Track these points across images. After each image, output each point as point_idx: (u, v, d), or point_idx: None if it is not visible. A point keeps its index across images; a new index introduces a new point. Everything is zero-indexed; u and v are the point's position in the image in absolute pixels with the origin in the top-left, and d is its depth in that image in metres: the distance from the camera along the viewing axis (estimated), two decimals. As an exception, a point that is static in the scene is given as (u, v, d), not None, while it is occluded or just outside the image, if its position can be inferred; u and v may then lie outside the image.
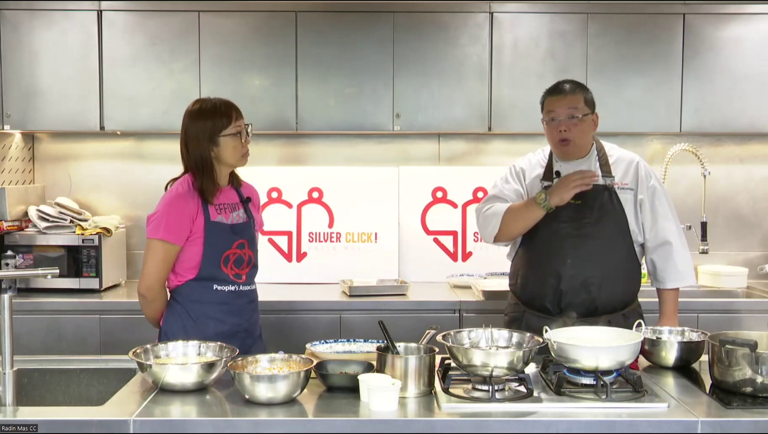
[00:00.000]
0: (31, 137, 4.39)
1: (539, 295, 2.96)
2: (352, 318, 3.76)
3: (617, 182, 2.97)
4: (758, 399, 2.23)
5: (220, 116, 2.77)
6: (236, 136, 2.78)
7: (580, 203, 2.90)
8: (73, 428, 2.07)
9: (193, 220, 2.73)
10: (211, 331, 2.73)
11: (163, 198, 2.78)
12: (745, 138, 4.39)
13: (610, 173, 2.97)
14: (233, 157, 2.80)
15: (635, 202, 2.97)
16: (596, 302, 2.90)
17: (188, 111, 2.82)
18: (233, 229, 2.81)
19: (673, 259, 2.99)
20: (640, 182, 2.99)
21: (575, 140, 2.92)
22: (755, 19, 4.06)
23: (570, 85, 2.97)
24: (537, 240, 2.97)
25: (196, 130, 2.77)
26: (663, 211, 3.00)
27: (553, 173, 2.98)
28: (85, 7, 3.99)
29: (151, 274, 2.75)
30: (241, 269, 2.84)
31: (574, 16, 4.03)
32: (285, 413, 2.13)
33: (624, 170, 3.00)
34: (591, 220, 2.92)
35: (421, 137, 4.40)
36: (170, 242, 2.72)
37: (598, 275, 2.90)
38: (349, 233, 4.34)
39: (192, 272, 2.77)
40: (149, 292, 2.77)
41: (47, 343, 3.68)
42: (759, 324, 3.67)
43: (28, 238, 3.95)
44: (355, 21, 4.03)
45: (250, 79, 4.03)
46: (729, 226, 4.44)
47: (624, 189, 2.97)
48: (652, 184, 3.00)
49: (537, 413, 2.15)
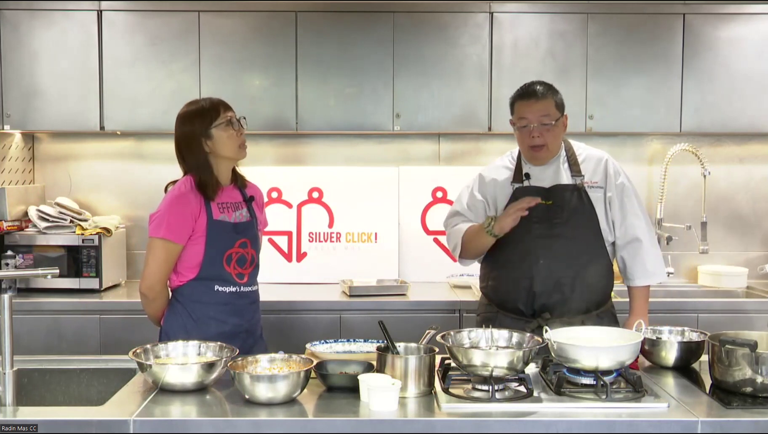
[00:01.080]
0: (31, 137, 4.39)
1: (512, 297, 2.94)
2: (352, 318, 3.76)
3: (587, 181, 2.96)
4: (758, 399, 2.23)
5: (207, 110, 2.78)
6: (228, 125, 2.77)
7: (551, 204, 2.91)
8: (73, 428, 2.07)
9: (196, 219, 2.73)
10: (213, 331, 2.73)
11: (165, 198, 2.78)
12: (745, 138, 4.40)
13: (579, 172, 2.96)
14: (230, 147, 2.78)
15: (605, 200, 2.97)
16: (569, 303, 2.88)
17: (177, 116, 2.83)
18: (236, 228, 2.81)
19: (641, 256, 2.97)
20: (609, 179, 2.98)
21: (548, 145, 2.92)
22: (755, 19, 4.06)
23: (541, 88, 2.93)
24: (508, 242, 2.92)
25: (185, 131, 2.78)
26: (632, 208, 2.98)
27: (523, 175, 2.98)
28: (85, 7, 3.99)
29: (152, 273, 2.75)
30: (244, 269, 2.83)
31: (574, 16, 4.03)
32: (285, 413, 2.13)
33: (593, 168, 2.99)
34: (562, 220, 2.91)
35: (421, 137, 4.40)
36: (172, 241, 2.72)
37: (570, 275, 2.89)
38: (349, 233, 4.34)
39: (193, 271, 2.77)
40: (150, 291, 2.77)
41: (47, 343, 3.68)
42: (759, 324, 3.67)
43: (28, 238, 3.95)
44: (355, 21, 4.03)
45: (250, 79, 4.03)
46: (729, 226, 4.44)
47: (593, 188, 2.96)
48: (620, 181, 2.99)
49: (537, 413, 2.15)
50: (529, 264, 2.90)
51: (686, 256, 4.38)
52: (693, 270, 4.40)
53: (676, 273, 4.35)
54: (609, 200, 2.96)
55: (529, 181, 2.96)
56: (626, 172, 3.03)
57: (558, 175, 2.97)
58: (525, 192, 2.93)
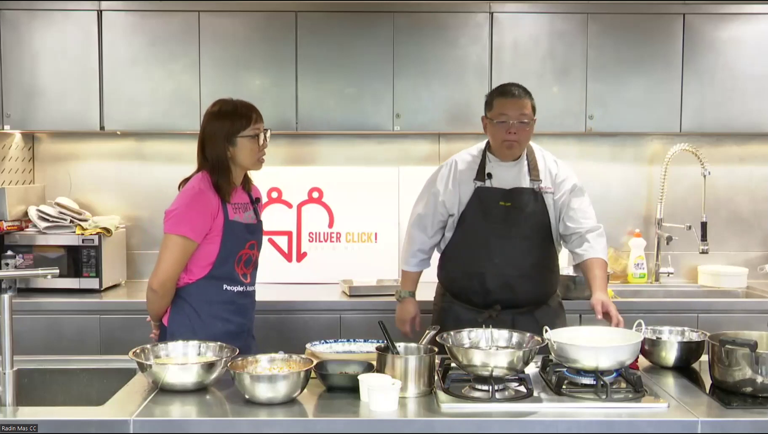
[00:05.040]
0: (31, 137, 4.39)
1: (466, 290, 3.16)
2: (352, 318, 3.76)
3: (543, 186, 3.12)
4: (758, 399, 2.23)
5: (239, 116, 2.78)
6: (254, 138, 2.79)
7: (509, 205, 3.09)
8: (73, 428, 2.07)
9: (214, 217, 2.73)
10: (219, 330, 2.73)
11: (184, 194, 2.76)
12: (745, 138, 4.39)
13: (538, 177, 3.13)
14: (249, 159, 2.81)
15: (554, 204, 3.13)
16: (519, 298, 3.10)
17: (208, 111, 2.83)
18: (248, 229, 2.83)
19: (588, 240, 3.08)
20: (559, 183, 3.14)
21: (522, 143, 3.08)
22: (755, 19, 4.06)
23: (519, 89, 3.09)
24: (467, 238, 3.15)
25: (214, 129, 2.78)
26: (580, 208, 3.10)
27: (485, 175, 3.13)
28: (85, 7, 3.98)
29: (166, 270, 2.72)
30: (248, 269, 2.85)
31: (574, 16, 4.03)
32: (285, 413, 2.13)
33: (547, 173, 3.15)
34: (518, 221, 3.09)
35: (421, 137, 4.39)
36: (191, 239, 2.71)
37: (521, 274, 3.09)
38: (349, 233, 4.34)
39: (204, 270, 2.76)
40: (162, 288, 2.74)
41: (47, 343, 3.68)
42: (759, 324, 3.66)
43: (28, 238, 3.95)
44: (355, 21, 4.03)
45: (250, 79, 4.03)
46: (729, 226, 4.44)
47: (547, 193, 3.13)
48: (569, 183, 3.13)
49: (537, 413, 2.15)
50: (483, 261, 3.10)
51: (686, 256, 4.37)
52: (693, 270, 4.40)
53: (676, 273, 4.34)
54: (559, 203, 3.13)
55: (490, 181, 3.13)
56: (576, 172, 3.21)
57: (519, 178, 3.13)
58: (486, 192, 3.12)
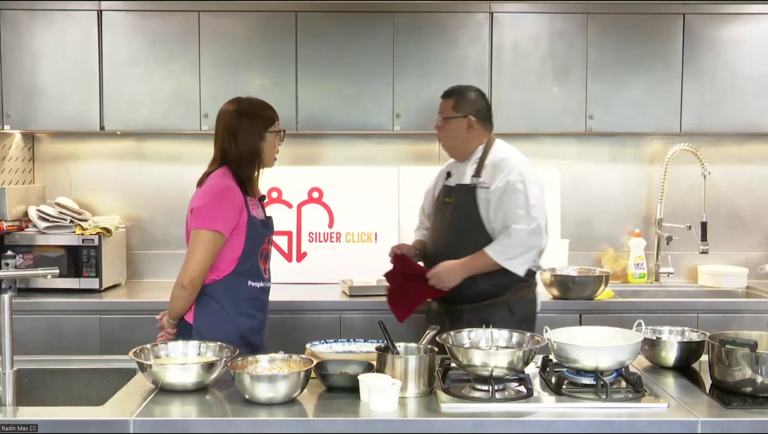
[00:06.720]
0: (31, 137, 4.39)
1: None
2: (352, 318, 3.76)
3: (481, 181, 3.18)
4: (758, 399, 2.23)
5: (269, 114, 2.86)
6: (277, 135, 2.87)
7: (450, 202, 3.23)
8: (73, 428, 2.07)
9: (241, 213, 2.75)
10: (246, 327, 2.76)
11: (209, 190, 2.77)
12: (745, 138, 4.39)
13: (479, 174, 3.20)
14: (270, 156, 2.87)
15: (487, 198, 3.14)
16: (449, 296, 3.15)
17: (231, 109, 2.85)
18: (263, 224, 2.87)
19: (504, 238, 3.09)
20: (496, 178, 3.15)
21: (442, 141, 3.28)
22: (755, 19, 4.06)
23: (449, 89, 3.28)
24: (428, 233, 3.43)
25: (245, 125, 2.80)
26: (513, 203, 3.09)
27: (447, 174, 3.35)
28: (85, 7, 3.98)
29: (197, 267, 2.71)
30: (266, 264, 2.90)
31: (574, 16, 4.03)
32: (285, 413, 2.13)
33: (491, 170, 3.18)
34: (454, 217, 3.21)
35: (421, 137, 4.39)
36: (223, 234, 2.72)
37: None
38: (349, 233, 4.34)
39: (230, 266, 2.77)
40: (192, 285, 2.72)
41: (47, 343, 3.68)
42: (759, 324, 3.66)
43: (28, 238, 3.95)
44: (355, 21, 4.03)
45: (250, 79, 4.03)
46: (729, 226, 4.44)
47: (482, 187, 3.17)
48: (506, 179, 3.12)
49: (537, 413, 2.15)
50: (431, 256, 3.28)
51: (686, 256, 4.37)
52: (693, 270, 4.40)
53: (676, 273, 4.34)
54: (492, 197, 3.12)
55: (450, 179, 3.31)
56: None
57: (464, 175, 3.24)
58: (442, 190, 3.35)
